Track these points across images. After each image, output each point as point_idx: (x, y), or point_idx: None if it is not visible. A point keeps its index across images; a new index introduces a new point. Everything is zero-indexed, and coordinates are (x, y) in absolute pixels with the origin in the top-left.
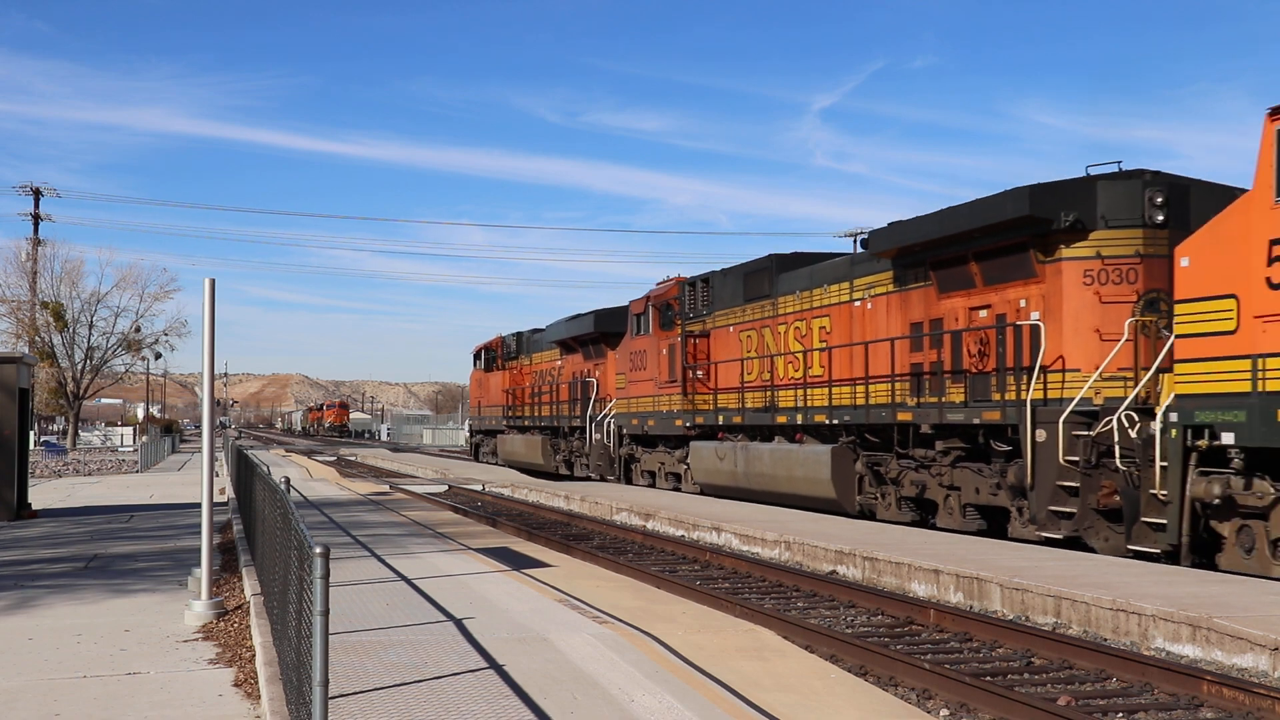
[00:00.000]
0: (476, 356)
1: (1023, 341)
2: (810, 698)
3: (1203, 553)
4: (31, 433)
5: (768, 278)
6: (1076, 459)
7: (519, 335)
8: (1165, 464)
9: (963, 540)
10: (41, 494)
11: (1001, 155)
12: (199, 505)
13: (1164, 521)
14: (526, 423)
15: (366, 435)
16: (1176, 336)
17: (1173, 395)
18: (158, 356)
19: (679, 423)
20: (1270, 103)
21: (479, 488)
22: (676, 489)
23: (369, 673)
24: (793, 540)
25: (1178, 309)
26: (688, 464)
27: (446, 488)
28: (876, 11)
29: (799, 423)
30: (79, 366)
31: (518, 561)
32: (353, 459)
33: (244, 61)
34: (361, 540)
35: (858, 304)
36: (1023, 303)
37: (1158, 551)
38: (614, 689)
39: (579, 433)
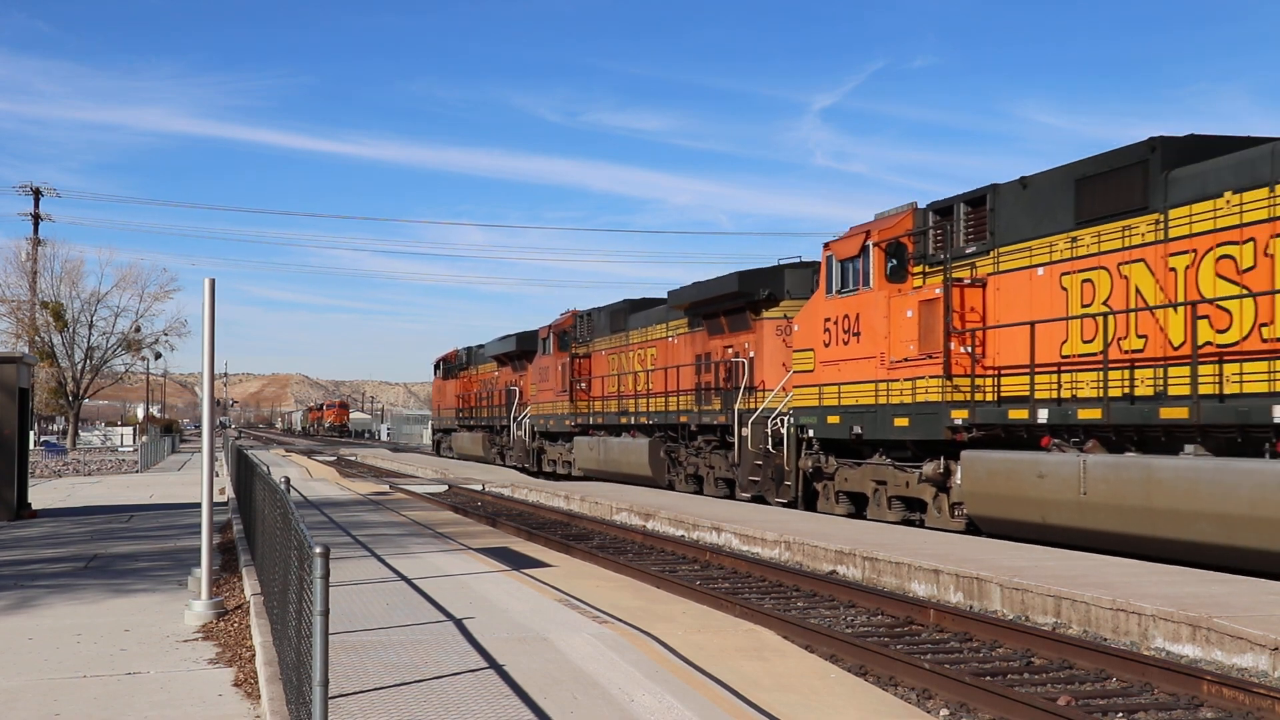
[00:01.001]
0: (436, 366)
1: (741, 370)
2: (810, 698)
3: (810, 504)
4: (31, 433)
5: (624, 316)
6: (762, 446)
7: (469, 349)
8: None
9: (963, 540)
10: (41, 494)
11: (1002, 155)
12: (199, 505)
13: (790, 484)
14: (472, 422)
15: (366, 435)
16: (793, 371)
17: (790, 408)
18: (158, 356)
19: (567, 423)
20: (1270, 102)
21: (479, 488)
22: (569, 474)
23: (369, 673)
24: (793, 540)
25: (793, 355)
26: (572, 454)
27: (446, 488)
28: (877, 11)
29: (632, 423)
30: (79, 366)
31: (518, 561)
32: (353, 459)
33: (244, 61)
34: (361, 540)
35: (670, 339)
36: (745, 345)
37: (786, 502)
38: (614, 689)
39: (507, 430)
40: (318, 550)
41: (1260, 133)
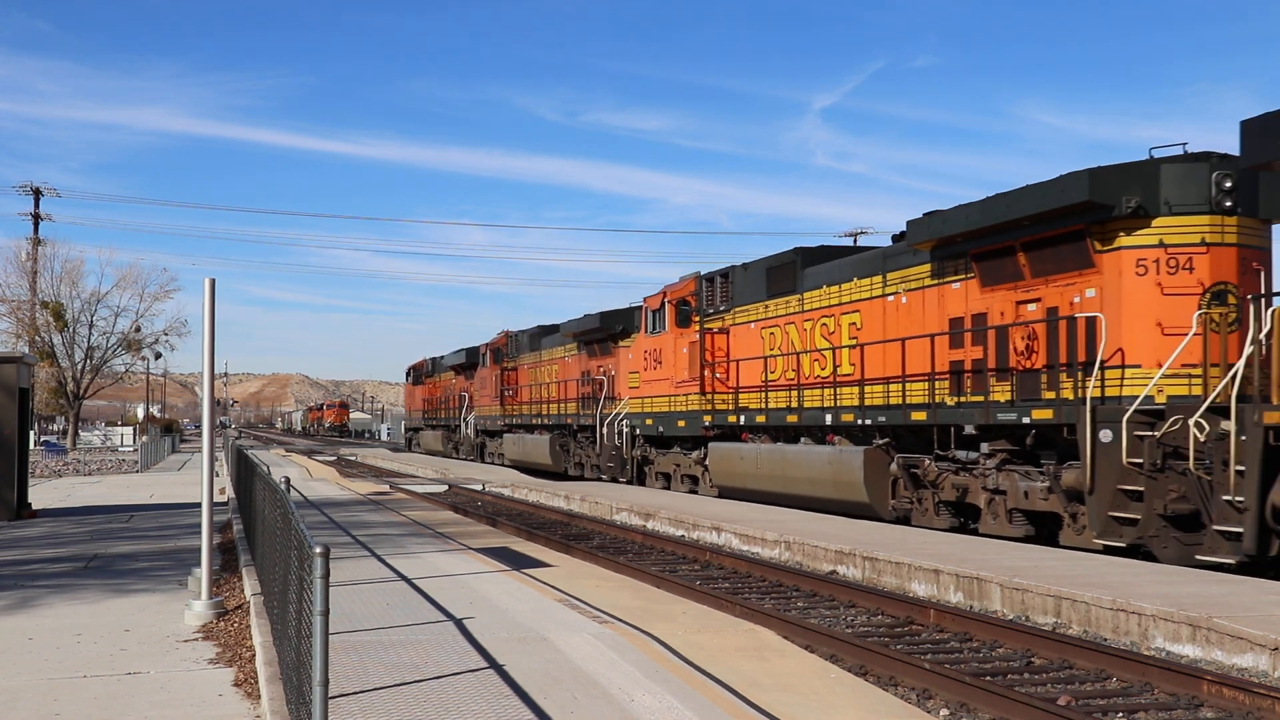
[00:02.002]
0: (408, 374)
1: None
2: (810, 697)
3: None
4: (31, 433)
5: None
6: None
7: (434, 359)
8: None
9: (962, 540)
10: (41, 494)
11: (1002, 155)
12: (199, 505)
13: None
14: (435, 422)
15: (366, 435)
16: (630, 386)
17: (627, 413)
18: (158, 356)
19: (499, 423)
20: (1271, 102)
21: (479, 488)
22: (502, 463)
23: (369, 673)
24: (793, 540)
25: (628, 375)
26: (503, 448)
27: (446, 488)
28: (877, 11)
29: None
30: (79, 366)
31: (518, 561)
32: (353, 459)
33: (244, 61)
34: (361, 540)
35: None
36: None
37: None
38: (614, 689)
39: (459, 429)
40: (318, 550)
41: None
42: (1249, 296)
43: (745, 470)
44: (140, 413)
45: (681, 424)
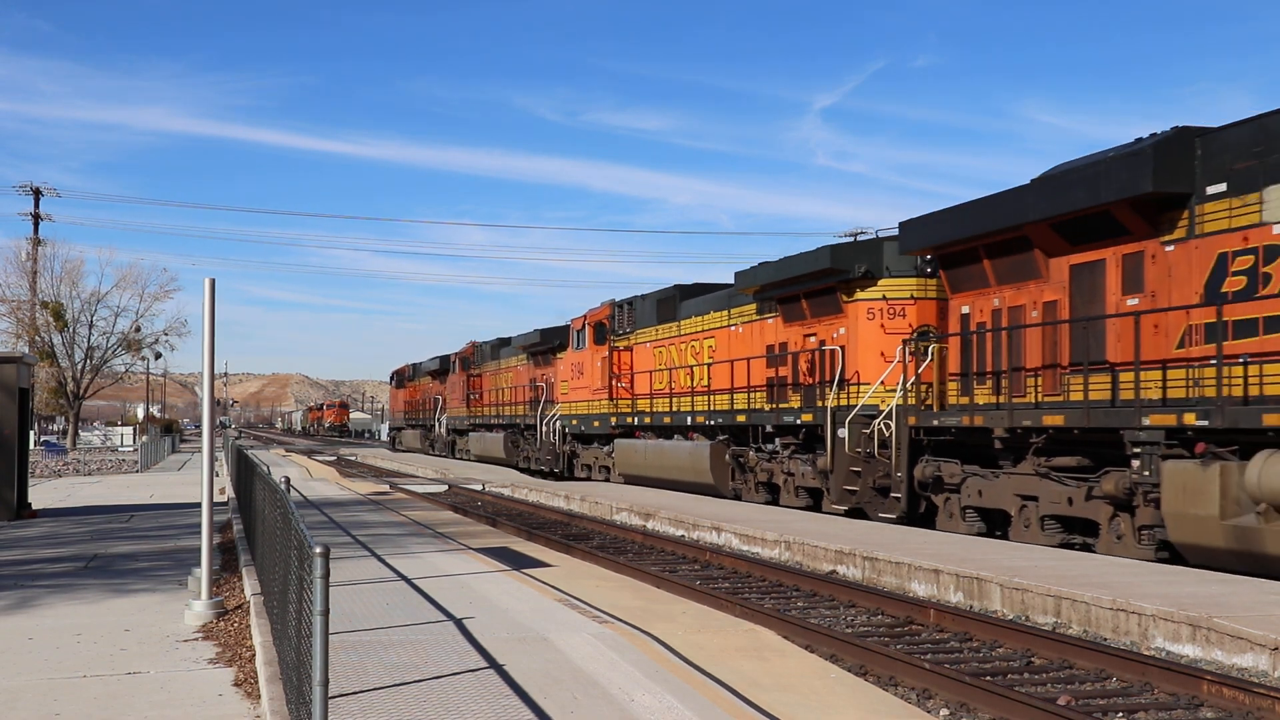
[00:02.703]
0: (392, 378)
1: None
2: (810, 697)
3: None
4: (31, 433)
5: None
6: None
7: (414, 365)
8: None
9: (962, 540)
10: (41, 494)
11: (1003, 154)
12: (199, 505)
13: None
14: (415, 422)
15: (366, 435)
16: (561, 393)
17: (559, 415)
18: (158, 356)
19: (466, 423)
20: (1272, 102)
21: (479, 488)
22: (466, 457)
23: (369, 672)
24: (793, 540)
25: (560, 383)
26: (469, 445)
27: (446, 488)
28: (878, 11)
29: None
30: (79, 366)
31: (518, 561)
32: (353, 459)
33: (244, 61)
34: (361, 540)
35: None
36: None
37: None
38: (614, 689)
39: (434, 428)
40: (318, 550)
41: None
42: (910, 337)
43: (638, 461)
44: (140, 413)
45: (596, 424)
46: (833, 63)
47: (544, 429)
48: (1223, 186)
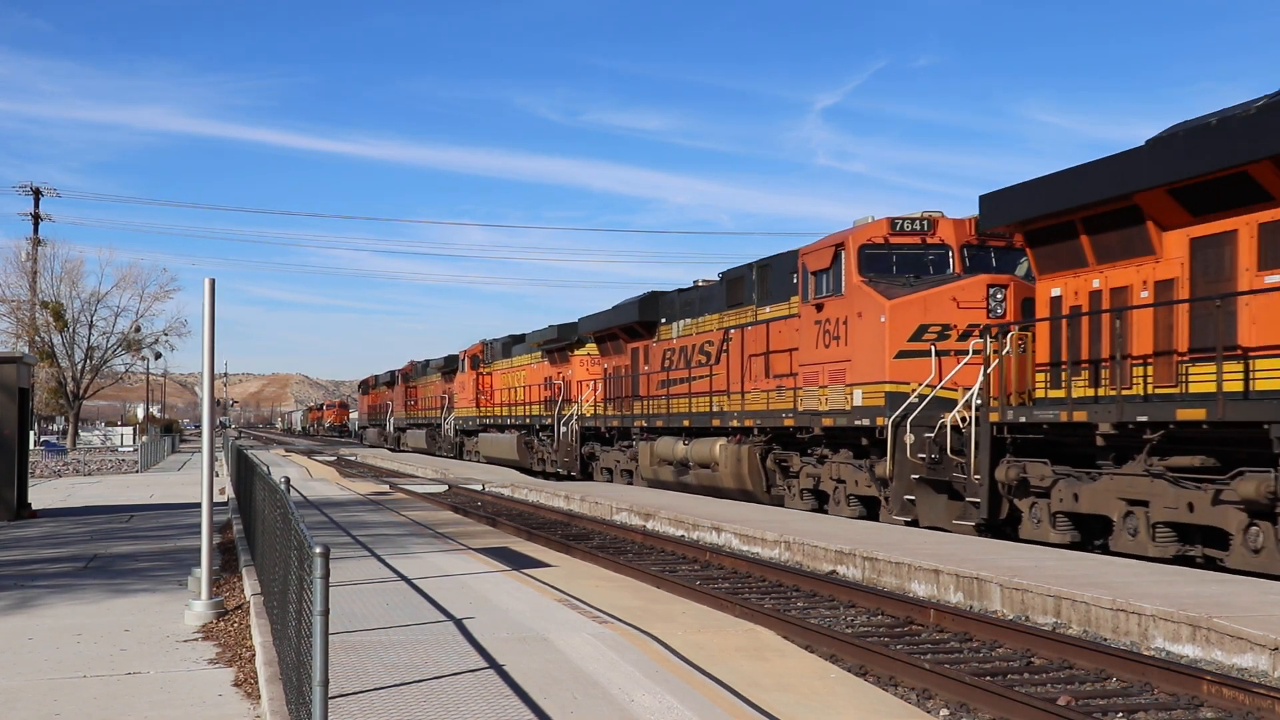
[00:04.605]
0: (360, 385)
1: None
2: (810, 697)
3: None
4: (31, 433)
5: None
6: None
7: (376, 376)
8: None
9: (963, 540)
10: (41, 494)
11: (1003, 154)
12: (199, 505)
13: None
14: (376, 423)
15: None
16: (458, 404)
17: (457, 417)
18: (158, 356)
19: (403, 423)
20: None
21: (479, 488)
22: (397, 450)
23: (369, 673)
24: (793, 540)
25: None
26: (479, 446)
27: (446, 488)
28: (879, 11)
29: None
30: (79, 366)
31: (518, 561)
32: (352, 459)
33: (244, 61)
34: (361, 540)
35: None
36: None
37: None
38: (614, 689)
39: (383, 427)
40: (318, 550)
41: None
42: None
43: (487, 446)
44: (140, 413)
45: (471, 424)
46: (834, 62)
47: (561, 429)
48: (665, 319)
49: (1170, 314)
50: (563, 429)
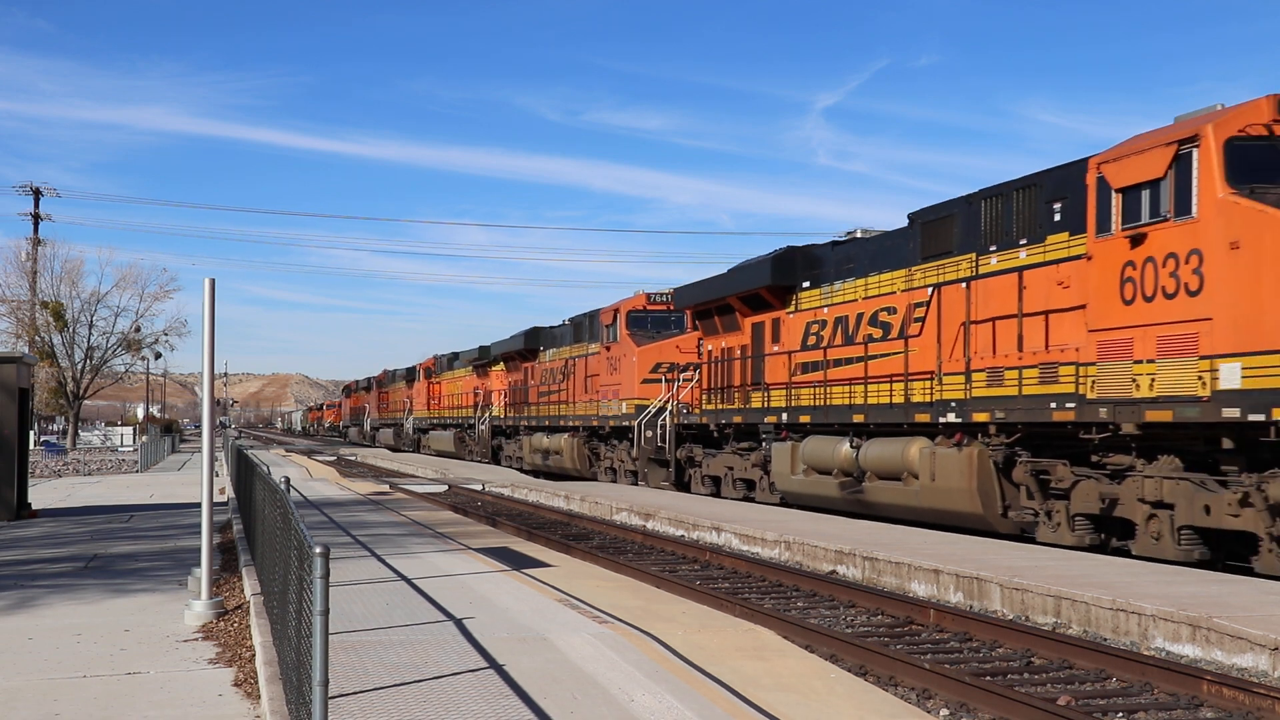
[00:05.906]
0: (344, 389)
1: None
2: (810, 697)
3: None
4: (31, 433)
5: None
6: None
7: (357, 381)
8: None
9: (964, 540)
10: (41, 494)
11: (1004, 154)
12: (199, 505)
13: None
14: (358, 423)
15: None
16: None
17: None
18: (157, 356)
19: (377, 424)
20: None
21: (479, 487)
22: (388, 449)
23: (369, 672)
24: (793, 540)
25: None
26: (429, 441)
27: (446, 488)
28: (880, 11)
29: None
30: (79, 366)
31: (518, 561)
32: (352, 459)
33: (245, 61)
34: (361, 540)
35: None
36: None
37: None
38: (614, 689)
39: (362, 427)
40: (318, 550)
41: None
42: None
43: (440, 441)
44: (140, 413)
45: (425, 424)
46: (835, 62)
47: (480, 428)
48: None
49: (746, 364)
50: (481, 427)
